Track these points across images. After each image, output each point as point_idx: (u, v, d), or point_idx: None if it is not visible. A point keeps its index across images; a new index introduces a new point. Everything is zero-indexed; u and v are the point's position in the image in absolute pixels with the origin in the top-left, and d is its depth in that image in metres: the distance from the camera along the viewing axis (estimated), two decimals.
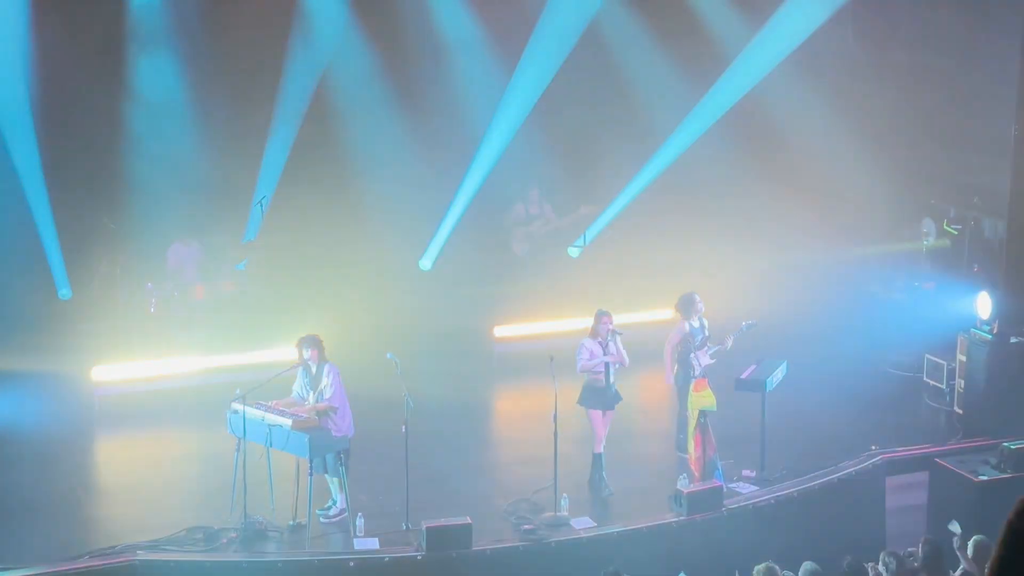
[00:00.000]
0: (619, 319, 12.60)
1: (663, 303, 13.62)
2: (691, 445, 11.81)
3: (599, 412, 11.81)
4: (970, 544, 8.95)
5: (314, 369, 10.96)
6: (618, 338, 11.84)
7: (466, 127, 17.07)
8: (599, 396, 11.79)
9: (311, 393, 10.95)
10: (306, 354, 10.93)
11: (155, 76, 15.64)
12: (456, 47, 16.94)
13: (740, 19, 16.76)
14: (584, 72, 16.99)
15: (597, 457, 11.85)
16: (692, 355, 12.32)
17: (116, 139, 15.64)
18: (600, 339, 11.77)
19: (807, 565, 8.98)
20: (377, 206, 17.20)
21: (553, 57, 16.75)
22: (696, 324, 12.51)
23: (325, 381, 10.85)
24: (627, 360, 11.88)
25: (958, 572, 8.98)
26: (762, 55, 16.67)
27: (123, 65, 15.52)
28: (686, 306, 12.52)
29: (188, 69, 15.82)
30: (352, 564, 10.30)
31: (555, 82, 16.65)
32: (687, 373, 12.39)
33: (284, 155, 16.38)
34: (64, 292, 15.50)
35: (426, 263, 17.29)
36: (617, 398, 11.91)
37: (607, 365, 11.74)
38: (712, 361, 12.27)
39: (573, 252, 17.06)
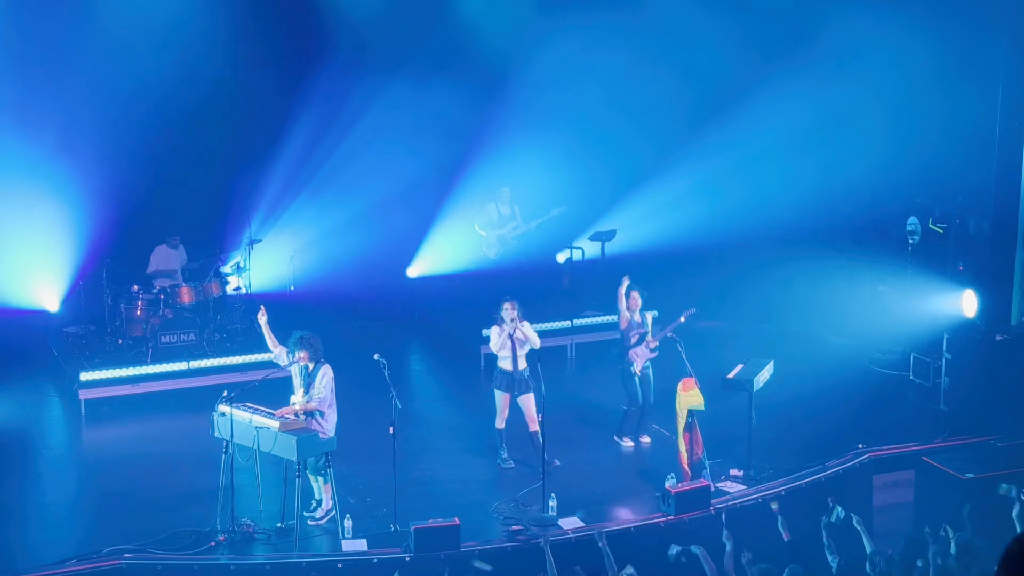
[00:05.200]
0: (600, 319, 12.59)
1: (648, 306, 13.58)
2: (681, 445, 11.82)
3: (505, 395, 12.18)
4: (953, 542, 8.96)
5: (311, 367, 10.89)
6: (524, 324, 12.08)
7: (458, 134, 17.08)
8: (505, 379, 12.14)
9: (301, 390, 10.88)
10: (299, 353, 10.87)
11: (151, 76, 15.58)
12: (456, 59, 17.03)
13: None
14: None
15: (499, 432, 12.25)
16: (631, 351, 12.59)
17: (105, 138, 15.60)
18: (508, 328, 12.03)
19: (793, 568, 8.98)
20: (367, 212, 17.19)
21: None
22: (637, 319, 12.62)
23: (319, 383, 10.79)
24: (537, 341, 12.09)
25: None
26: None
27: (117, 59, 15.50)
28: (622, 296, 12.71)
29: (186, 71, 15.79)
30: (340, 566, 10.28)
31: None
32: (627, 367, 12.67)
33: (277, 159, 16.42)
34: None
35: (414, 271, 17.32)
36: (527, 384, 12.13)
37: (514, 351, 12.01)
38: (653, 355, 12.67)
39: (560, 257, 17.07)
